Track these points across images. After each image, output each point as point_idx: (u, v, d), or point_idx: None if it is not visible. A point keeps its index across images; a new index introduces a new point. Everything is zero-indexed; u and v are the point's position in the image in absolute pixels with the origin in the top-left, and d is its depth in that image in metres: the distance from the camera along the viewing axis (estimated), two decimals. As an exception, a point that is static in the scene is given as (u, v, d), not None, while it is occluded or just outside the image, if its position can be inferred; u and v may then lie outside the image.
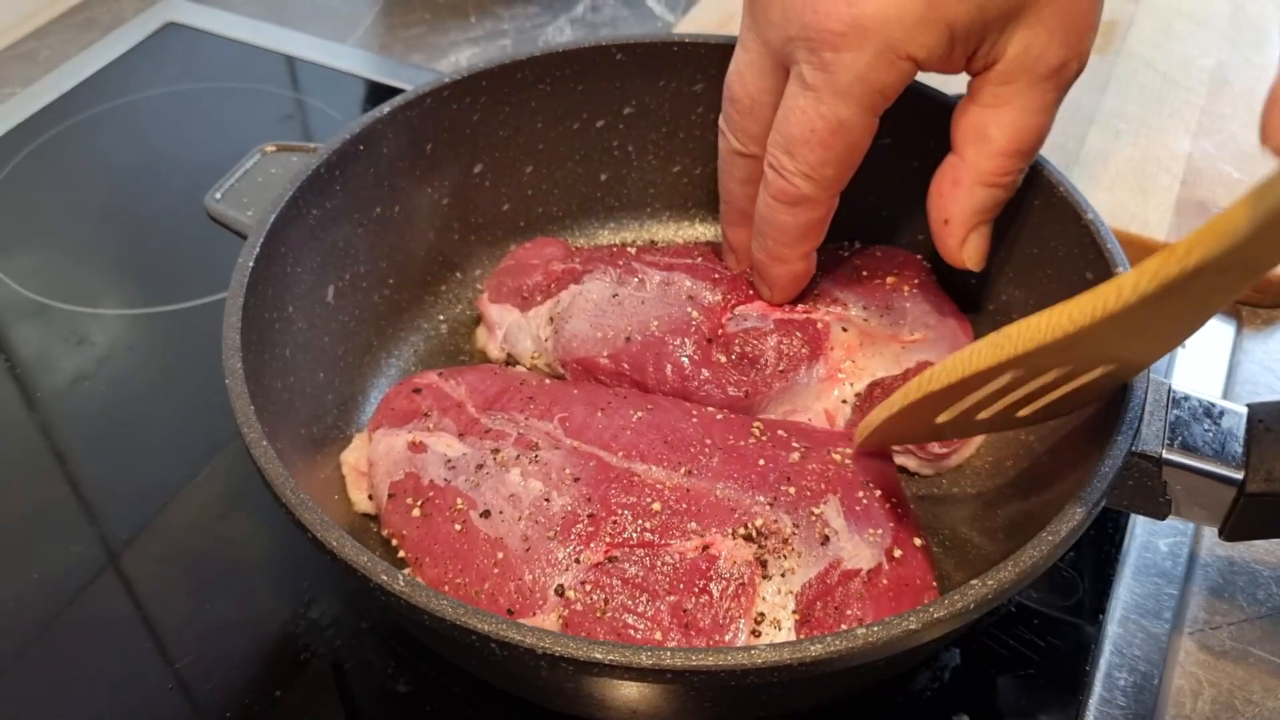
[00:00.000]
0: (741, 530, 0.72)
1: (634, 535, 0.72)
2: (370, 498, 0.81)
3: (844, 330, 0.86)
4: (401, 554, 0.76)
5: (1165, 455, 0.69)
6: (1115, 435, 0.67)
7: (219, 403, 0.71)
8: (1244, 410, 0.72)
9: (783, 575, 0.70)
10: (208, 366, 0.71)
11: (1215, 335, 0.98)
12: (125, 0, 1.47)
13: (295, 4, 1.49)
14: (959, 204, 0.80)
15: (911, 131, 0.94)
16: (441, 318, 1.01)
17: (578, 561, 0.71)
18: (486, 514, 0.74)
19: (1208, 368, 0.97)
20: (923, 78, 0.81)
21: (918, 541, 0.77)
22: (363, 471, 0.83)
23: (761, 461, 0.76)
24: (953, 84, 0.85)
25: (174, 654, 0.82)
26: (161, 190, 1.17)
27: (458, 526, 0.74)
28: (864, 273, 0.92)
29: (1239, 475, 0.69)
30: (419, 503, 0.77)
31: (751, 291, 0.90)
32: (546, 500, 0.74)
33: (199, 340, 1.03)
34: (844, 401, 0.86)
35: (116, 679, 0.81)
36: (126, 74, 1.37)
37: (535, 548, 0.71)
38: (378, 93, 1.27)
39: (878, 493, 0.76)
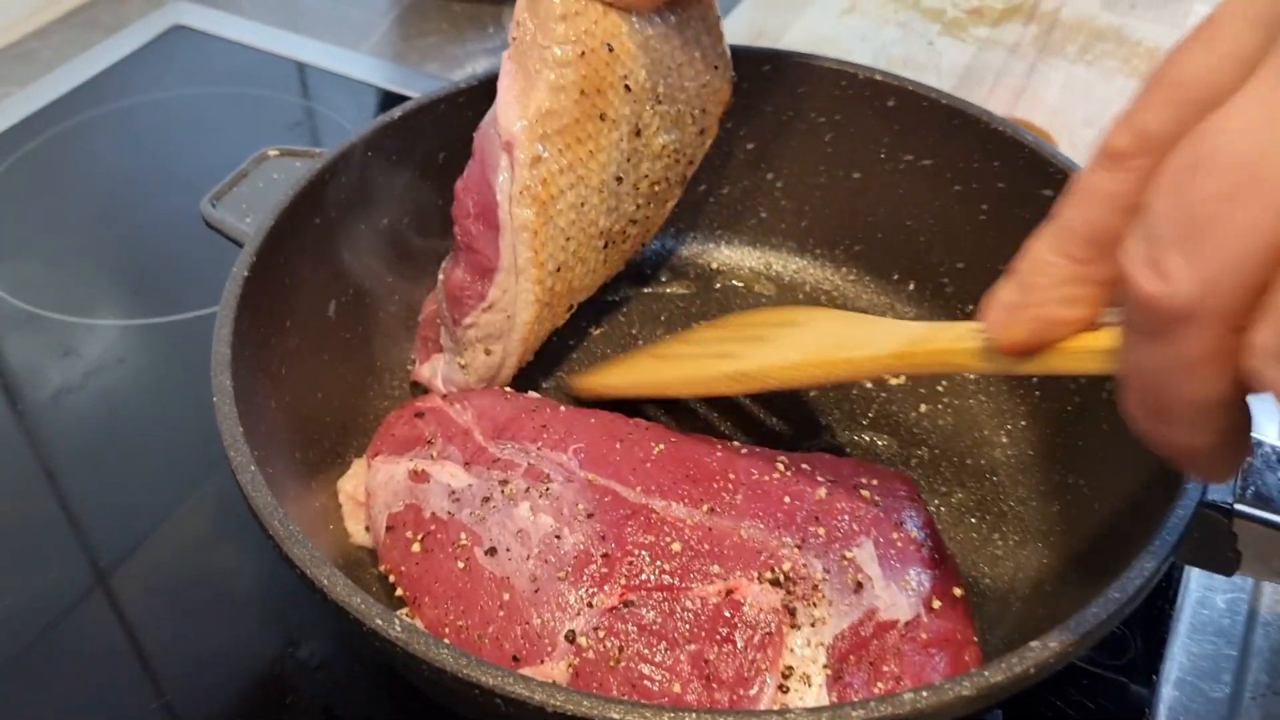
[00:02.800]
0: (768, 574, 0.67)
1: (652, 577, 0.67)
2: (368, 530, 0.77)
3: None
4: (400, 592, 0.71)
5: (1237, 506, 0.63)
6: (1185, 484, 0.61)
7: (215, 421, 0.66)
8: (1322, 459, 0.65)
9: (812, 625, 0.65)
10: (204, 382, 0.67)
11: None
12: (131, 1, 1.42)
13: (307, 9, 1.44)
14: None
15: (955, 152, 0.91)
16: (451, 338, 0.91)
17: (590, 605, 0.66)
18: (492, 551, 0.69)
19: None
20: (979, 76, 0.75)
21: (957, 591, 0.71)
22: (360, 501, 0.78)
23: (788, 499, 0.71)
24: (1003, 85, 0.79)
25: (154, 688, 0.77)
26: (159, 197, 1.13)
27: (461, 564, 0.69)
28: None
29: (1317, 530, 0.62)
30: (419, 537, 0.72)
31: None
32: (557, 537, 0.69)
33: (195, 354, 0.93)
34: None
35: (95, 709, 0.76)
36: (129, 77, 1.33)
37: (544, 589, 0.67)
38: (390, 102, 1.21)
39: (913, 535, 0.71)
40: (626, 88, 0.79)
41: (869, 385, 0.93)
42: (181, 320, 1.00)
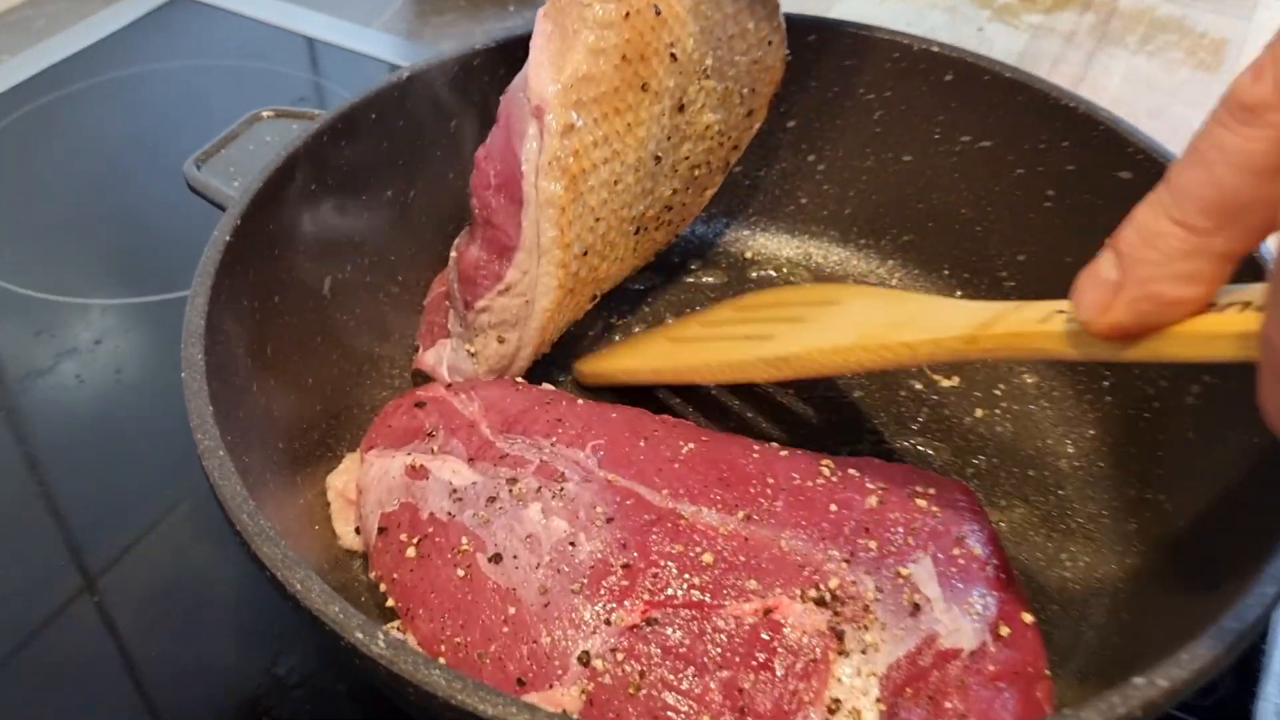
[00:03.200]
0: (812, 592, 0.60)
1: (679, 593, 0.60)
2: (358, 532, 0.71)
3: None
4: (391, 602, 0.65)
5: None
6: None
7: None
8: None
9: (863, 652, 0.58)
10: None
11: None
12: (132, -30, 1.35)
13: (318, -17, 1.37)
14: None
15: (1019, 131, 0.84)
16: (458, 325, 0.83)
17: (608, 623, 0.59)
18: (497, 558, 0.63)
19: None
20: (1033, 65, 0.68)
21: (1027, 617, 0.63)
22: (351, 499, 0.72)
23: (834, 507, 0.65)
24: (1059, 74, 0.71)
25: (125, 702, 0.69)
26: (149, 168, 1.08)
27: (461, 572, 0.63)
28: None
29: None
30: (415, 540, 0.66)
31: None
32: (572, 544, 0.63)
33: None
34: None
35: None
36: (126, 47, 1.27)
37: (556, 603, 0.60)
38: (403, 80, 1.13)
39: (976, 551, 0.64)
40: (673, 56, 0.73)
41: (918, 386, 0.85)
42: (173, 300, 0.94)
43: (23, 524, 0.80)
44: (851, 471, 0.68)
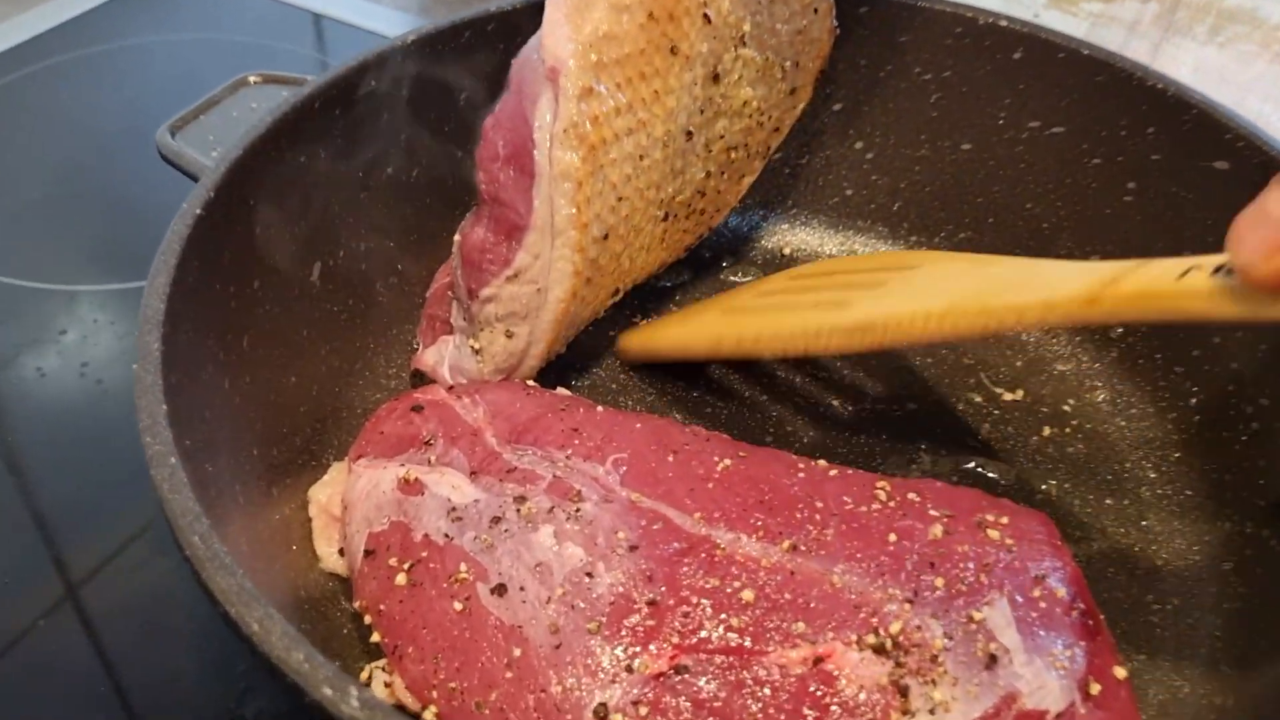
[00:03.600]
0: (870, 638, 0.53)
1: (714, 636, 0.53)
2: (342, 553, 0.64)
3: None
4: (376, 637, 0.58)
5: None
6: None
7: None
8: None
9: (931, 711, 0.51)
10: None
11: None
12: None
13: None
14: None
15: (1096, 116, 0.78)
16: (464, 321, 0.78)
17: (629, 670, 0.52)
18: (501, 590, 0.56)
19: None
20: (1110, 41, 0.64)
21: (1119, 672, 0.56)
22: (335, 515, 0.66)
23: (893, 537, 0.59)
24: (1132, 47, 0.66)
25: None
26: (133, 146, 1.01)
27: (458, 605, 0.56)
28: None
29: None
30: (406, 566, 0.59)
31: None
32: (589, 575, 0.56)
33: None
34: None
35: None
36: (123, 17, 1.20)
37: (569, 645, 0.53)
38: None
39: (1059, 592, 0.57)
40: (706, 18, 0.68)
41: (978, 399, 0.78)
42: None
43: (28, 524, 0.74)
44: (911, 496, 0.62)
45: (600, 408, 0.68)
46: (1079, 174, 0.80)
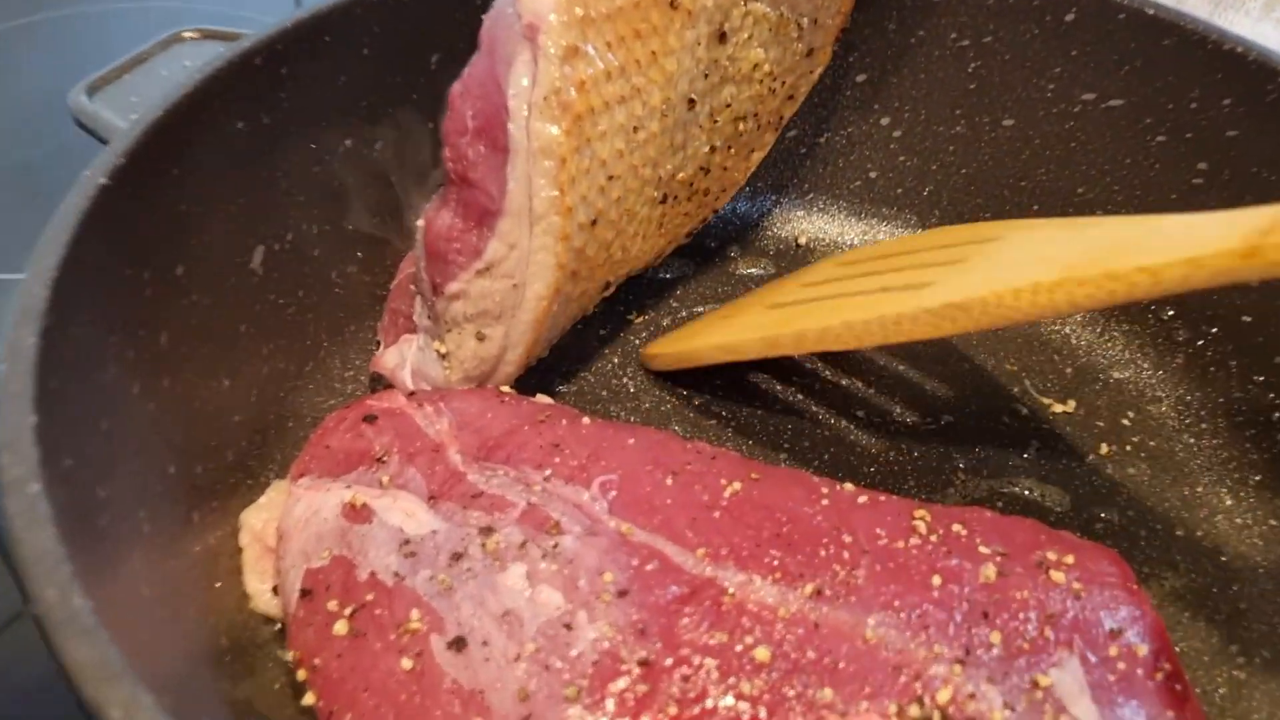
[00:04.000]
0: (913, 709, 0.45)
1: (721, 706, 0.45)
2: (276, 591, 0.55)
3: None
4: (311, 699, 0.49)
5: None
6: None
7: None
8: None
9: None
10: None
11: None
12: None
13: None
14: None
15: (1163, 86, 0.72)
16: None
17: None
18: (460, 644, 0.48)
19: None
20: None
21: None
22: (271, 546, 0.57)
23: (938, 580, 0.51)
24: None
25: None
26: (52, 115, 0.88)
27: (408, 662, 0.48)
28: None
29: None
30: (348, 611, 0.50)
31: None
32: (568, 627, 0.48)
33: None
34: None
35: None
36: None
37: (542, 715, 0.45)
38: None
39: (1139, 650, 0.49)
40: None
41: (1023, 411, 0.71)
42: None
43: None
44: (957, 528, 0.55)
45: (587, 419, 0.60)
46: (1140, 153, 0.74)
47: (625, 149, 0.63)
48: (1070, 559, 0.53)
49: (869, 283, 0.65)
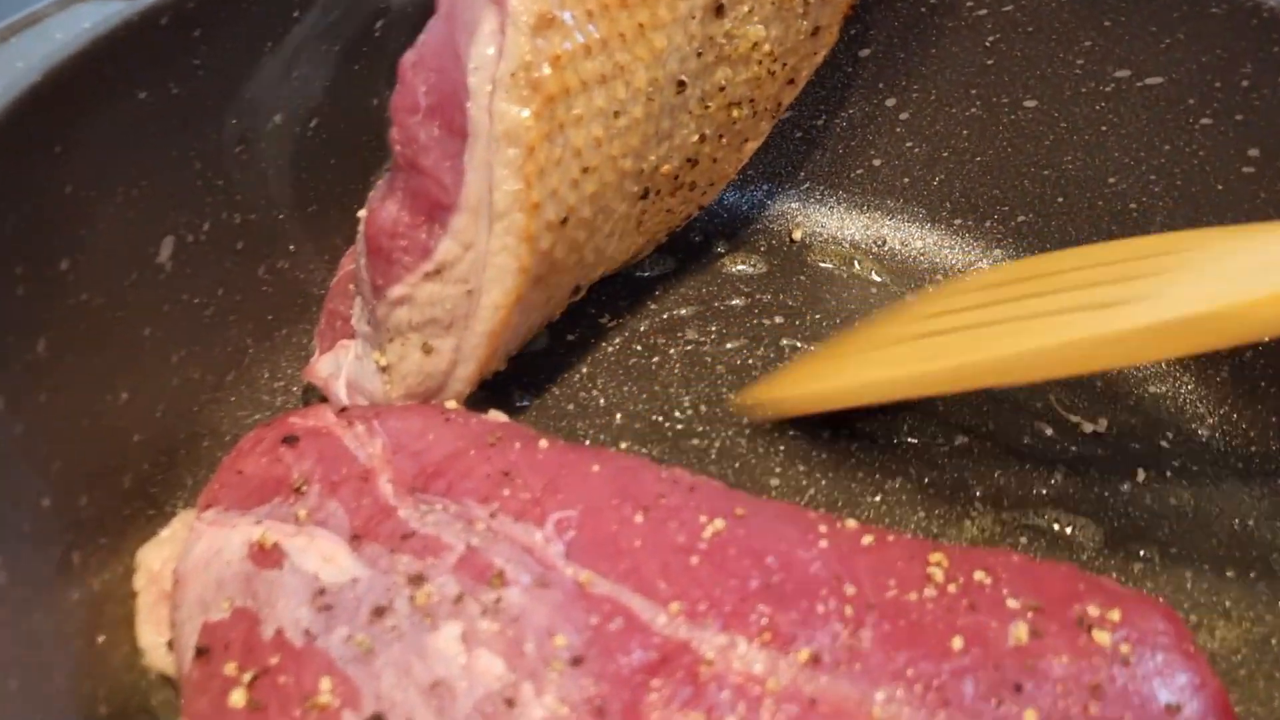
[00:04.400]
0: None
1: None
2: (171, 647, 0.50)
3: None
4: None
5: None
6: None
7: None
8: None
9: None
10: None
11: None
12: None
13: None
14: None
15: (1207, 64, 0.67)
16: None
17: None
18: None
19: None
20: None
21: None
22: (168, 591, 0.51)
23: (959, 643, 0.45)
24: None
25: None
26: None
27: None
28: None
29: None
30: (248, 677, 0.44)
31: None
32: (509, 704, 0.41)
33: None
34: None
35: None
36: None
37: None
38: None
39: None
40: None
41: (1049, 432, 0.66)
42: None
43: None
44: (979, 576, 0.48)
45: (544, 441, 0.54)
46: (1181, 138, 0.69)
47: (604, 137, 0.60)
48: (1115, 614, 0.47)
49: (1041, 304, 0.60)
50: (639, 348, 0.72)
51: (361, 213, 0.61)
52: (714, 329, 0.73)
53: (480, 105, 0.55)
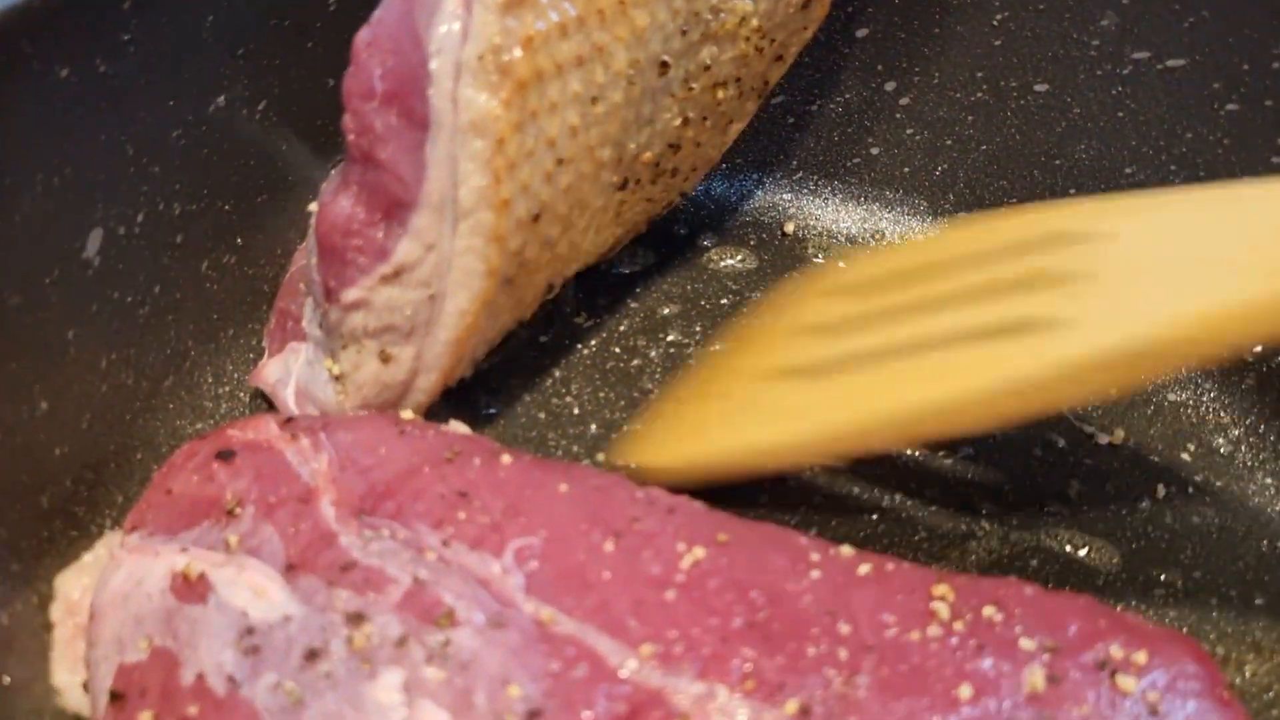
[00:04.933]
0: None
1: None
2: (86, 688, 0.47)
3: None
4: None
5: None
6: None
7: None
8: None
9: None
10: None
11: None
12: None
13: None
14: None
15: (1233, 43, 0.65)
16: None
17: None
18: None
19: None
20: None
21: None
22: (84, 624, 0.47)
23: (967, 691, 0.41)
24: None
25: None
26: None
27: None
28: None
29: None
30: None
31: None
32: None
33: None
34: None
35: None
36: None
37: None
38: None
39: None
40: None
41: (1061, 443, 0.62)
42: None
43: None
44: (988, 611, 0.45)
45: (508, 456, 0.50)
46: (1205, 125, 0.67)
47: (580, 125, 0.57)
48: (1141, 656, 0.43)
49: (948, 319, 0.52)
50: (617, 349, 0.69)
51: (312, 207, 0.58)
52: (699, 329, 0.71)
53: (443, 92, 0.53)
